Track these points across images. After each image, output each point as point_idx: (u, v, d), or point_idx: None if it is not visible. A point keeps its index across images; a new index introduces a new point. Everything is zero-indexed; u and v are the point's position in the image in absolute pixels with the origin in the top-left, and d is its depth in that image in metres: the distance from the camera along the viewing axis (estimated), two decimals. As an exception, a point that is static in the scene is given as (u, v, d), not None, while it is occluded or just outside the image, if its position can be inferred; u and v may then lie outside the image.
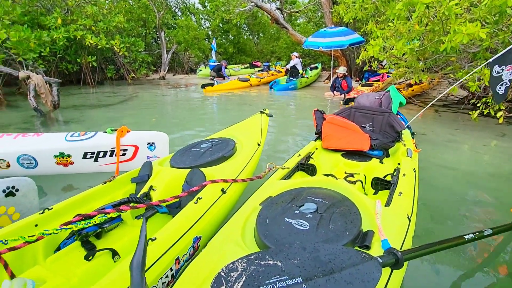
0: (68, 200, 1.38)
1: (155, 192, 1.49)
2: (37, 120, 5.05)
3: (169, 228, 1.16)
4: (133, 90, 9.64)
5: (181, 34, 14.11)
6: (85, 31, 9.00)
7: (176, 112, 6.35)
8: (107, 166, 2.59)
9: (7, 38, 6.58)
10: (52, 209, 1.29)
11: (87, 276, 1.03)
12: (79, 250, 1.14)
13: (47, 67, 9.04)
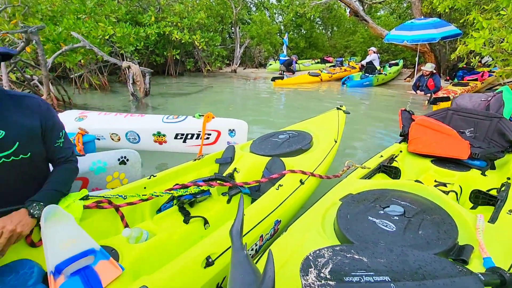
0: (168, 171, 1.63)
1: (238, 174, 1.63)
2: (133, 104, 5.94)
3: (254, 208, 1.27)
4: (208, 81, 10.44)
5: (254, 29, 14.56)
6: (172, 27, 10.08)
7: (247, 103, 6.66)
8: (192, 147, 2.91)
9: (113, 33, 7.84)
10: (156, 176, 1.54)
11: (185, 236, 1.21)
12: (177, 214, 1.33)
13: (140, 59, 10.48)
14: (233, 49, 14.42)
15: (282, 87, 8.72)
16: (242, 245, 0.77)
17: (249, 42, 14.63)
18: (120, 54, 8.87)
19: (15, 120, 1.07)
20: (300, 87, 8.69)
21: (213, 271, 0.97)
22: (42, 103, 1.17)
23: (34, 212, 1.01)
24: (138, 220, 1.40)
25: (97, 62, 8.16)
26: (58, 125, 1.22)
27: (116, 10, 9.04)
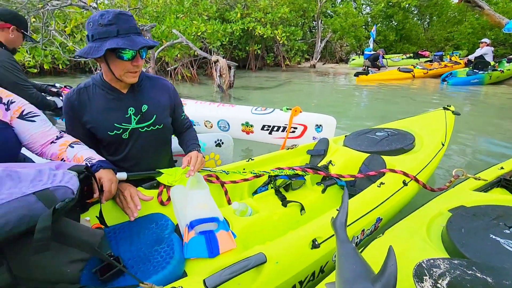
0: (264, 156, 1.72)
1: (334, 167, 1.61)
2: (218, 95, 6.46)
3: (356, 202, 1.24)
4: (286, 76, 10.54)
5: (338, 21, 13.94)
6: (256, 22, 10.49)
7: (328, 98, 6.48)
8: (277, 139, 3.00)
9: (205, 30, 8.63)
10: (253, 160, 1.65)
11: (283, 217, 1.27)
12: (273, 197, 1.40)
13: (224, 53, 11.29)
14: (313, 44, 14.15)
15: (366, 83, 8.15)
16: (347, 237, 0.77)
17: (330, 36, 14.11)
18: (208, 49, 9.72)
19: (153, 97, 1.31)
20: (387, 83, 7.96)
21: (318, 254, 0.99)
22: (170, 84, 1.42)
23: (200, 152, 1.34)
24: (237, 198, 1.53)
25: (189, 56, 9.15)
26: (181, 102, 1.48)
27: (208, 9, 9.90)
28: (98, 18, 1.06)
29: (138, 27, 1.15)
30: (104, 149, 1.32)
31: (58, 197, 0.68)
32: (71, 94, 1.21)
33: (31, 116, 1.06)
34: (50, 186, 0.69)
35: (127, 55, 1.09)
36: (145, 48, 1.15)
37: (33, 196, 0.65)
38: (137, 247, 0.98)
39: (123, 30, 1.06)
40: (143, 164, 1.36)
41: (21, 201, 0.63)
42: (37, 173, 0.71)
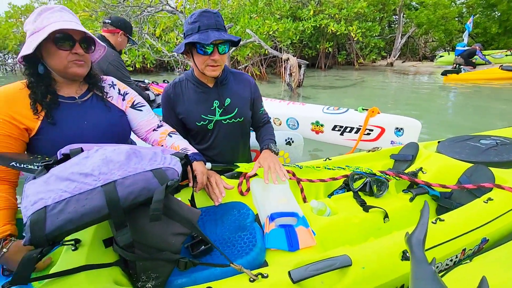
0: (342, 156, 1.65)
1: (425, 175, 1.44)
2: (287, 94, 6.48)
3: (458, 217, 1.09)
4: (358, 75, 9.93)
5: (425, 14, 12.44)
6: (329, 19, 10.14)
7: (408, 100, 5.87)
8: (349, 141, 2.83)
9: (277, 29, 8.73)
10: (331, 160, 1.60)
11: (364, 223, 1.19)
12: (352, 200, 1.33)
13: (293, 52, 11.25)
14: (391, 40, 12.99)
15: (456, 83, 7.10)
16: (425, 257, 0.67)
17: (414, 30, 12.70)
18: (278, 48, 9.83)
19: (236, 91, 1.40)
20: (485, 84, 6.78)
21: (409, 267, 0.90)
22: (251, 79, 1.48)
23: (275, 150, 1.36)
24: (312, 196, 1.50)
25: (259, 55, 9.41)
26: (260, 97, 1.53)
27: (281, 7, 10.00)
28: (188, 18, 1.19)
29: None
30: (192, 138, 1.46)
31: (168, 176, 0.78)
32: (168, 88, 1.37)
33: (140, 106, 1.24)
34: (162, 166, 0.80)
35: (204, 49, 1.17)
36: (224, 44, 1.20)
37: (150, 172, 0.76)
38: (221, 230, 1.04)
39: (203, 26, 1.16)
40: (225, 153, 1.46)
41: (142, 175, 0.74)
42: (153, 154, 0.83)
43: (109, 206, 0.68)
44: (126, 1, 5.44)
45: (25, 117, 0.96)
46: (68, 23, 0.94)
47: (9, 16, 12.69)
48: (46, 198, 0.66)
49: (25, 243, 0.61)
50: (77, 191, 0.68)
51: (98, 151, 0.81)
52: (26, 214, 0.65)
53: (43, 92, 0.98)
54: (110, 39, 2.31)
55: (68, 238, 0.82)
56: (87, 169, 0.72)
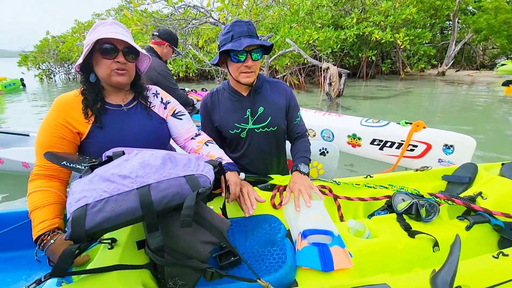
0: (385, 174, 1.53)
1: (485, 201, 1.27)
2: (325, 104, 6.33)
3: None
4: (404, 85, 9.37)
5: (484, 19, 11.41)
6: (373, 27, 9.78)
7: (460, 114, 5.36)
8: (389, 157, 2.65)
9: (317, 38, 8.65)
10: (372, 177, 1.49)
11: (409, 250, 1.08)
12: (395, 223, 1.22)
13: (334, 61, 11.02)
14: (443, 47, 12.07)
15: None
16: None
17: (470, 37, 11.69)
18: (318, 57, 9.71)
19: (270, 100, 1.39)
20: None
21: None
22: (288, 88, 1.46)
23: (304, 171, 1.25)
24: (350, 216, 1.41)
25: (298, 64, 9.38)
26: (297, 106, 1.48)
27: (322, 16, 9.92)
28: (222, 29, 1.24)
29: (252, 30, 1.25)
30: (227, 146, 1.48)
31: (200, 183, 0.79)
32: (207, 97, 1.43)
33: (180, 115, 1.30)
34: (195, 173, 0.81)
35: (237, 57, 1.20)
36: (257, 50, 1.22)
37: (183, 178, 0.78)
38: (251, 243, 1.02)
39: (236, 34, 1.19)
40: (258, 163, 1.45)
41: (176, 180, 0.76)
42: (187, 160, 0.85)
43: (142, 208, 0.70)
44: (173, 15, 5.83)
45: (78, 122, 1.06)
46: (113, 34, 1.01)
47: (74, 31, 14.38)
48: (88, 197, 0.71)
49: (66, 237, 0.66)
50: (116, 191, 0.72)
51: (137, 154, 0.85)
52: (69, 210, 0.70)
53: (94, 99, 1.08)
54: (157, 50, 2.48)
55: (105, 237, 0.87)
56: (126, 171, 0.76)
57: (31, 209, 0.96)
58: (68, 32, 14.53)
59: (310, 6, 10.44)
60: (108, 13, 18.39)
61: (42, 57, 14.04)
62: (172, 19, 5.80)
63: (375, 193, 1.36)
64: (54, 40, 14.14)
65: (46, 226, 0.92)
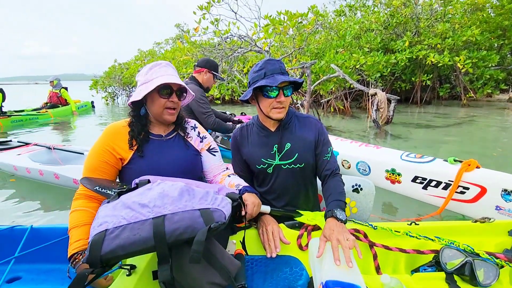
0: (434, 223, 1.35)
1: None
2: (372, 131, 6.02)
3: None
4: (466, 112, 8.52)
5: None
6: (428, 50, 9.24)
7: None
8: (435, 198, 2.39)
9: (364, 62, 8.44)
10: (418, 225, 1.32)
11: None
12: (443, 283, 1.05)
13: (383, 85, 10.55)
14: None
15: None
16: None
17: (550, 58, 10.29)
18: (366, 81, 9.43)
19: (299, 136, 1.38)
20: None
21: None
22: (318, 123, 1.44)
23: (341, 218, 1.14)
24: (389, 269, 1.26)
25: (343, 89, 9.19)
26: (328, 142, 1.43)
27: (371, 41, 9.73)
28: (253, 68, 1.31)
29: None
30: (255, 179, 1.50)
31: (215, 218, 0.81)
32: (236, 130, 1.49)
33: (214, 152, 1.41)
34: (211, 207, 0.83)
35: (271, 93, 1.25)
36: (288, 87, 1.26)
37: (198, 211, 0.80)
38: (269, 287, 0.98)
39: (269, 71, 1.25)
40: (285, 199, 1.42)
41: (190, 213, 0.79)
42: (204, 193, 0.87)
43: (155, 238, 0.73)
44: (220, 45, 6.27)
45: (122, 149, 1.19)
46: (170, 77, 1.17)
47: (136, 58, 16.26)
48: (109, 222, 0.76)
49: (83, 261, 0.70)
50: (133, 219, 0.77)
51: (159, 184, 0.90)
52: (91, 233, 0.76)
53: (139, 130, 1.21)
54: (198, 78, 2.70)
55: (126, 262, 0.90)
56: (145, 200, 0.81)
57: (70, 227, 1.06)
58: (131, 59, 16.48)
59: (358, 30, 10.34)
60: (167, 42, 20.47)
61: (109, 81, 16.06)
62: (218, 48, 6.24)
63: (419, 245, 1.21)
64: (120, 66, 16.14)
65: (80, 246, 1.00)
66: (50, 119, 8.74)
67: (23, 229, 1.46)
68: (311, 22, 6.22)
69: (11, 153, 3.55)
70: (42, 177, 3.14)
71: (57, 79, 9.37)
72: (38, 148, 3.65)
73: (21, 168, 3.25)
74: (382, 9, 11.35)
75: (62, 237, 1.32)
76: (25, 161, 3.29)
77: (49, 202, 2.91)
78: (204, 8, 5.45)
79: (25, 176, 3.32)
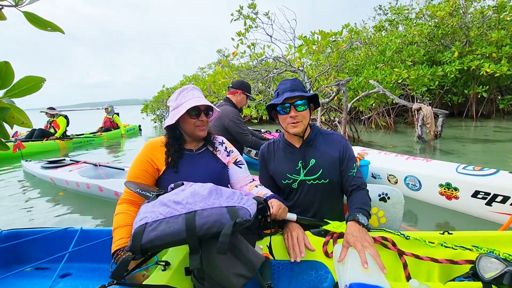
0: (468, 232, 1.27)
1: None
2: (418, 146, 5.67)
3: None
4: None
5: None
6: (482, 59, 8.58)
7: None
8: (501, 215, 2.18)
9: (407, 76, 8.11)
10: (452, 234, 1.26)
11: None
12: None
13: (431, 99, 9.93)
14: None
15: None
16: None
17: None
18: (410, 96, 8.99)
19: (323, 152, 1.43)
20: None
21: None
22: (343, 139, 1.49)
23: (363, 222, 1.18)
24: (422, 277, 1.22)
25: (386, 104, 8.86)
26: (353, 158, 1.46)
27: (413, 54, 9.36)
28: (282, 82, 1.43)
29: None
30: (281, 193, 1.57)
31: (240, 215, 0.90)
32: (264, 146, 1.59)
33: (240, 164, 1.52)
34: (236, 205, 0.93)
35: (283, 110, 1.36)
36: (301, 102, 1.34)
37: (225, 208, 0.90)
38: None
39: (281, 91, 1.38)
40: (310, 214, 1.47)
41: (218, 210, 0.90)
42: (231, 193, 0.98)
43: (187, 231, 0.84)
44: (255, 68, 6.58)
45: (159, 161, 1.36)
46: (197, 99, 1.34)
47: (182, 83, 17.62)
48: (148, 217, 0.90)
49: (126, 249, 0.83)
50: (169, 214, 0.89)
51: (191, 185, 1.03)
52: (134, 227, 0.90)
53: (176, 149, 1.39)
54: (232, 99, 2.88)
55: (162, 259, 1.02)
56: (179, 198, 0.94)
57: (114, 227, 1.23)
58: (177, 84, 17.91)
59: (400, 44, 10.04)
60: (209, 66, 21.93)
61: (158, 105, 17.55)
62: (254, 71, 6.55)
63: (453, 255, 1.15)
64: (167, 91, 17.61)
65: (122, 243, 1.15)
66: (103, 141, 9.89)
67: (74, 231, 1.69)
68: (345, 40, 6.26)
69: (64, 170, 4.09)
70: (89, 190, 3.52)
71: (110, 106, 10.77)
72: (86, 165, 4.16)
73: (72, 182, 3.68)
74: (426, 21, 10.92)
75: (107, 237, 1.51)
76: (75, 176, 3.74)
77: (95, 211, 3.27)
78: (241, 34, 5.85)
79: (75, 189, 3.75)
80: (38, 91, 0.64)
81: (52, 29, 0.61)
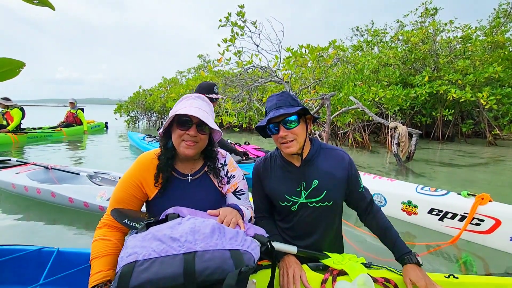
0: (473, 277, 1.20)
1: None
2: (392, 166, 5.83)
3: None
4: (493, 151, 8.17)
5: None
6: (449, 85, 9.15)
7: None
8: (451, 229, 2.54)
9: (383, 96, 8.42)
10: (457, 278, 1.19)
11: None
12: None
13: (403, 119, 10.41)
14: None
15: None
16: None
17: None
18: (384, 114, 9.34)
19: (326, 171, 1.26)
20: None
21: None
22: (345, 155, 1.31)
23: (421, 262, 1.17)
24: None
25: (362, 121, 9.12)
26: (357, 173, 1.33)
27: (389, 75, 9.79)
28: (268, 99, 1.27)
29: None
30: (277, 213, 1.39)
31: (244, 260, 0.76)
32: (259, 162, 1.39)
33: (240, 194, 1.32)
34: (240, 249, 0.78)
35: (272, 130, 1.21)
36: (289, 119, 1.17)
37: (228, 252, 0.76)
38: None
39: (268, 109, 1.21)
40: (309, 237, 1.32)
41: (220, 253, 0.75)
42: (235, 233, 0.83)
43: (185, 276, 0.70)
44: (241, 75, 6.48)
45: (148, 185, 1.17)
46: (191, 109, 1.11)
47: (160, 85, 17.06)
48: (138, 253, 0.73)
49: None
50: (164, 253, 0.73)
51: (190, 219, 0.87)
52: (120, 263, 0.73)
53: (165, 164, 1.17)
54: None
55: None
56: (176, 234, 0.78)
57: (92, 257, 1.03)
58: (155, 86, 17.29)
59: (376, 64, 10.46)
60: (189, 71, 21.44)
61: (133, 106, 16.79)
62: (240, 78, 6.44)
63: None
64: (144, 92, 16.93)
65: (100, 278, 0.96)
66: (62, 137, 9.19)
67: (50, 252, 1.44)
68: (331, 56, 6.36)
69: (10, 172, 3.60)
70: (39, 195, 3.18)
71: (75, 101, 10.14)
72: (36, 167, 3.71)
73: (19, 186, 3.29)
74: (400, 45, 11.53)
75: (86, 264, 1.29)
76: (23, 179, 3.34)
77: (62, 221, 2.93)
78: (229, 40, 5.73)
79: (23, 194, 3.35)
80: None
81: (40, 3, 0.52)
